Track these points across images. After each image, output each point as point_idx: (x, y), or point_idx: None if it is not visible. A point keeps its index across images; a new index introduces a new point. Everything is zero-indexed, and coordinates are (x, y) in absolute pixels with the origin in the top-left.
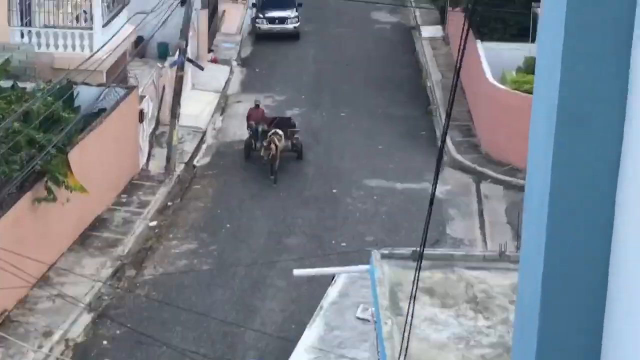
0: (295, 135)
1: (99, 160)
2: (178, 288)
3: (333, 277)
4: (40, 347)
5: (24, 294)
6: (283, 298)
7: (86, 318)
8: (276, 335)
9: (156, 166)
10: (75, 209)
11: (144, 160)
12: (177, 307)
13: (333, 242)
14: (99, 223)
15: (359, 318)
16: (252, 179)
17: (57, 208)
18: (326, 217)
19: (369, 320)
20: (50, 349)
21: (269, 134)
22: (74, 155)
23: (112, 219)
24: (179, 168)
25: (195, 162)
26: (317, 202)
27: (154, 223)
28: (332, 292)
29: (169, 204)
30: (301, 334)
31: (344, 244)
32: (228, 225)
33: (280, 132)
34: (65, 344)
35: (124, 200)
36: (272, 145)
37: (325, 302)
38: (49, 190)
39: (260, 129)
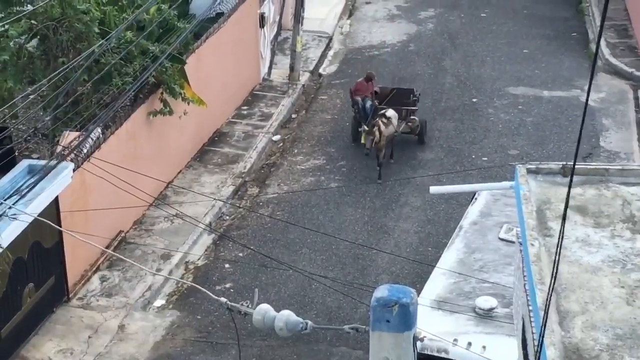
0: (412, 117)
1: (217, 69)
2: (304, 207)
3: (473, 195)
4: (158, 270)
5: (140, 215)
6: (418, 218)
7: (206, 239)
8: (411, 258)
9: (279, 75)
10: (192, 123)
11: (266, 69)
12: (303, 227)
13: (473, 156)
14: (219, 138)
15: (502, 239)
16: None
17: (174, 122)
18: (466, 129)
19: (513, 242)
20: (169, 272)
21: (376, 120)
22: (190, 65)
23: (232, 133)
24: (304, 77)
25: (321, 71)
26: (455, 113)
27: (277, 137)
28: (473, 211)
29: (293, 116)
30: (438, 257)
31: (485, 159)
32: None
33: (390, 113)
34: (184, 267)
35: (244, 112)
36: (376, 131)
37: (465, 222)
38: (165, 103)
39: (368, 105)
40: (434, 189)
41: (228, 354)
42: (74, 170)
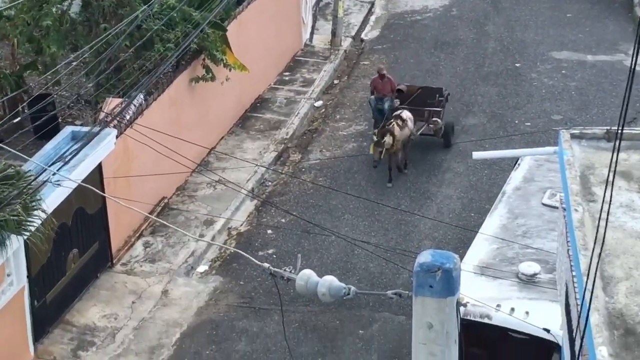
0: (434, 118)
1: (259, 35)
2: (346, 173)
3: (516, 161)
4: (201, 236)
5: (182, 181)
6: (461, 183)
7: (249, 205)
8: (454, 224)
9: (320, 41)
10: (234, 89)
11: (307, 34)
12: (345, 193)
13: (516, 121)
14: (261, 104)
15: (545, 205)
16: (426, 53)
17: (216, 88)
18: (508, 94)
19: (556, 207)
20: (212, 238)
21: (390, 122)
22: (232, 32)
23: (274, 99)
24: (346, 42)
25: (363, 36)
26: (498, 77)
27: (319, 103)
28: (516, 177)
29: (336, 82)
30: (481, 222)
31: (528, 124)
32: None
33: (405, 115)
34: (227, 233)
35: (286, 78)
36: (387, 139)
37: (508, 187)
38: (207, 69)
39: (387, 105)
40: (476, 155)
41: (271, 319)
42: (116, 137)
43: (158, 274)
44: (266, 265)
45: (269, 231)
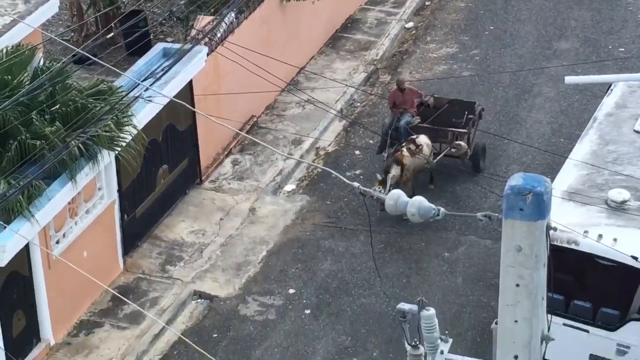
0: (457, 142)
1: None
2: (436, 93)
3: (609, 86)
4: (289, 154)
5: (272, 100)
6: (551, 108)
7: (337, 126)
8: (543, 148)
9: None
10: (325, 8)
11: None
12: None
13: (610, 47)
14: (351, 24)
15: (637, 132)
16: None
17: (307, 7)
18: (603, 18)
19: None
20: (300, 157)
21: (401, 147)
22: None
23: (364, 19)
24: None
25: None
26: (592, 2)
27: (410, 24)
28: (608, 103)
29: (427, 3)
30: (571, 148)
31: (622, 49)
32: (491, 27)
33: (422, 140)
34: (315, 153)
35: None
36: (393, 171)
37: (600, 113)
38: None
39: (403, 122)
40: (569, 79)
41: (357, 239)
42: (207, 55)
43: (246, 192)
44: (356, 184)
45: (357, 152)
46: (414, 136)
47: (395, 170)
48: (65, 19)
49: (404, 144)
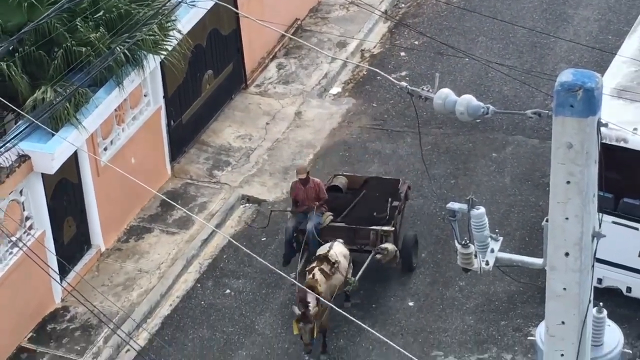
0: (382, 245)
1: None
2: None
3: None
4: (334, 58)
5: (316, 2)
6: (599, 5)
7: (382, 27)
8: (590, 46)
9: None
10: None
11: None
12: (480, 14)
13: None
14: None
15: None
16: None
17: None
18: None
19: None
20: (346, 59)
21: (311, 268)
22: None
23: None
24: None
25: None
26: None
27: None
28: None
29: None
30: (619, 45)
31: None
32: None
33: (337, 250)
34: (360, 55)
35: None
36: (311, 301)
37: None
38: None
39: (309, 226)
40: None
41: (403, 141)
42: None
43: (291, 96)
44: (403, 84)
45: (402, 53)
46: (326, 248)
47: (312, 300)
48: None
49: (314, 264)
